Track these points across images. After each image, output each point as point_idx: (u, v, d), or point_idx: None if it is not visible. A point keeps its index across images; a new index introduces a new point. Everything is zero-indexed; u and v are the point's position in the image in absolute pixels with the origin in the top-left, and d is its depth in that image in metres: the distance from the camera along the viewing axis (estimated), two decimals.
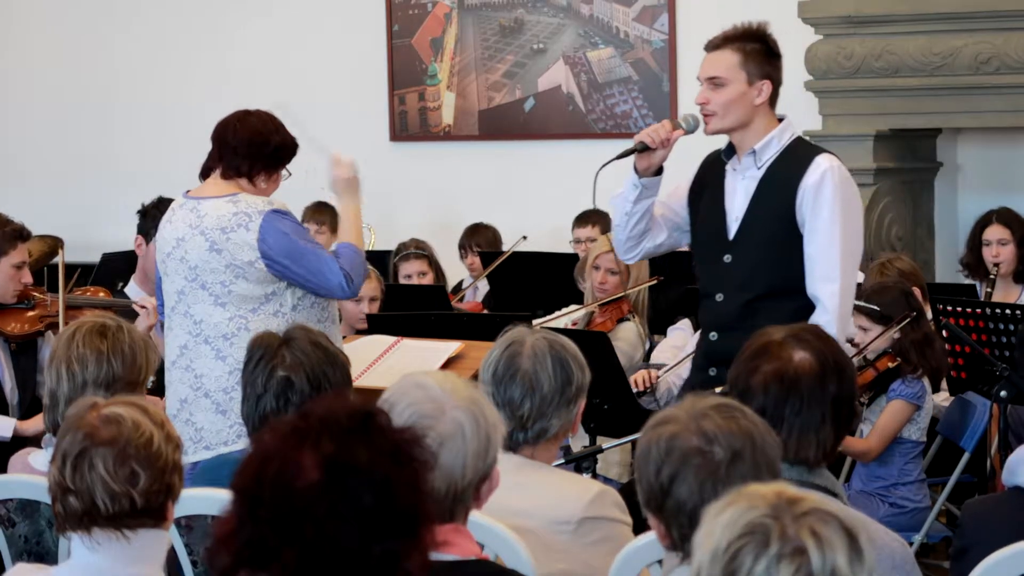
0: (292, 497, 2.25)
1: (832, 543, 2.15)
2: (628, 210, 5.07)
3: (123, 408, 3.04)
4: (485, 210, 9.04)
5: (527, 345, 3.83)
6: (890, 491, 5.92)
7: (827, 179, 4.88)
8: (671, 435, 2.86)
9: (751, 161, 4.95)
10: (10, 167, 10.57)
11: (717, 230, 5.00)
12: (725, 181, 5.02)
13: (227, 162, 5.28)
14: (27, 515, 4.16)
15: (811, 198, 4.87)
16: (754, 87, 4.93)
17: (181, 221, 5.29)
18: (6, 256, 6.17)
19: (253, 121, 5.34)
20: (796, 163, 4.93)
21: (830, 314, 4.83)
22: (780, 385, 3.35)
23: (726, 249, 4.97)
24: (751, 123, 4.94)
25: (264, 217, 5.16)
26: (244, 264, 5.15)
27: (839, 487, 3.47)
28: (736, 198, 4.99)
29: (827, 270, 4.85)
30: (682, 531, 2.81)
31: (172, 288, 5.30)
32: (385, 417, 2.35)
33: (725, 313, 4.95)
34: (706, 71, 4.97)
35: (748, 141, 4.96)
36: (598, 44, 9.33)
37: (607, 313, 6.77)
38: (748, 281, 4.92)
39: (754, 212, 4.94)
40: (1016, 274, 7.35)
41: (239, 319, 5.17)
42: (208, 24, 10.15)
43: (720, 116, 4.94)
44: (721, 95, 4.93)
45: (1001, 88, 7.85)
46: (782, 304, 4.86)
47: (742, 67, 4.93)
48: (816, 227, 4.87)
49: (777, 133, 4.96)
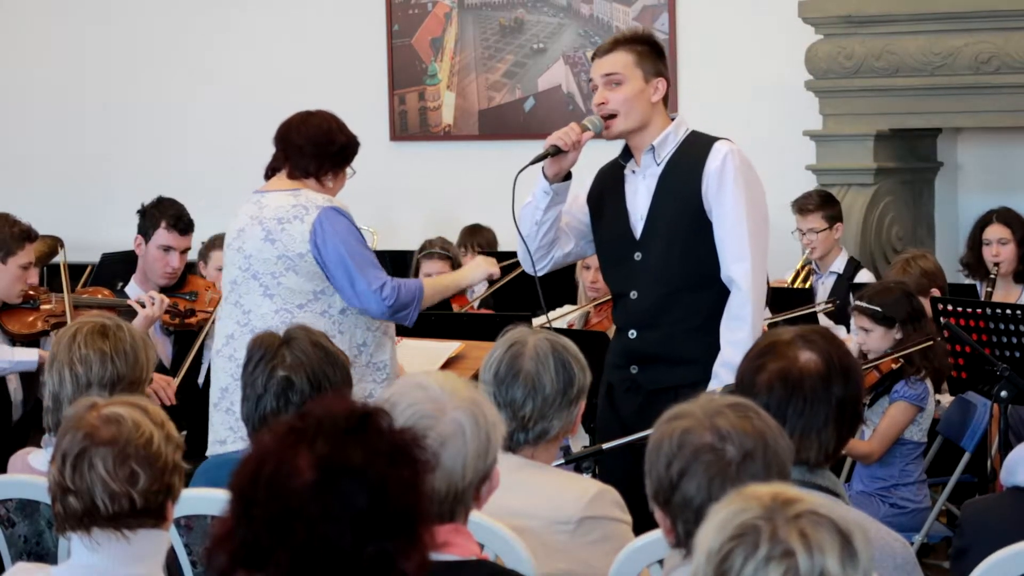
0: (286, 497, 2.25)
1: (822, 545, 2.14)
2: (539, 219, 5.12)
3: (123, 408, 3.03)
4: (485, 210, 9.03)
5: (529, 346, 3.83)
6: (891, 491, 5.92)
7: (728, 162, 4.92)
8: (684, 430, 2.86)
9: (650, 159, 5.01)
10: (10, 167, 10.57)
11: (623, 231, 5.04)
12: (625, 185, 5.07)
13: (294, 163, 5.31)
14: (27, 515, 4.16)
15: (715, 182, 4.91)
16: (650, 84, 4.99)
17: (244, 213, 5.35)
18: (13, 256, 6.20)
19: (317, 121, 5.37)
20: (696, 153, 4.97)
21: (743, 292, 4.86)
22: (784, 384, 3.34)
23: (635, 247, 5.01)
24: (649, 123, 5.00)
25: (321, 211, 5.19)
26: (295, 256, 5.19)
27: (841, 487, 3.46)
28: (638, 198, 5.03)
29: (737, 250, 4.88)
30: (687, 527, 2.81)
31: (227, 278, 5.38)
32: (385, 418, 2.35)
33: (642, 310, 4.99)
34: (602, 69, 5.02)
35: (646, 141, 5.01)
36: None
37: (602, 313, 6.77)
38: (661, 276, 4.96)
39: (659, 206, 4.98)
40: (1016, 274, 7.35)
41: (285, 313, 5.19)
42: (208, 24, 10.15)
43: (623, 115, 4.98)
44: (619, 92, 4.98)
45: (1001, 88, 7.85)
46: (699, 296, 4.92)
47: (637, 65, 4.99)
48: (723, 210, 4.90)
49: (673, 128, 5.02)
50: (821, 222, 7.53)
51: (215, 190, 8.79)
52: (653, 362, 4.97)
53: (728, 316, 4.87)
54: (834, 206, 7.66)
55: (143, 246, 6.66)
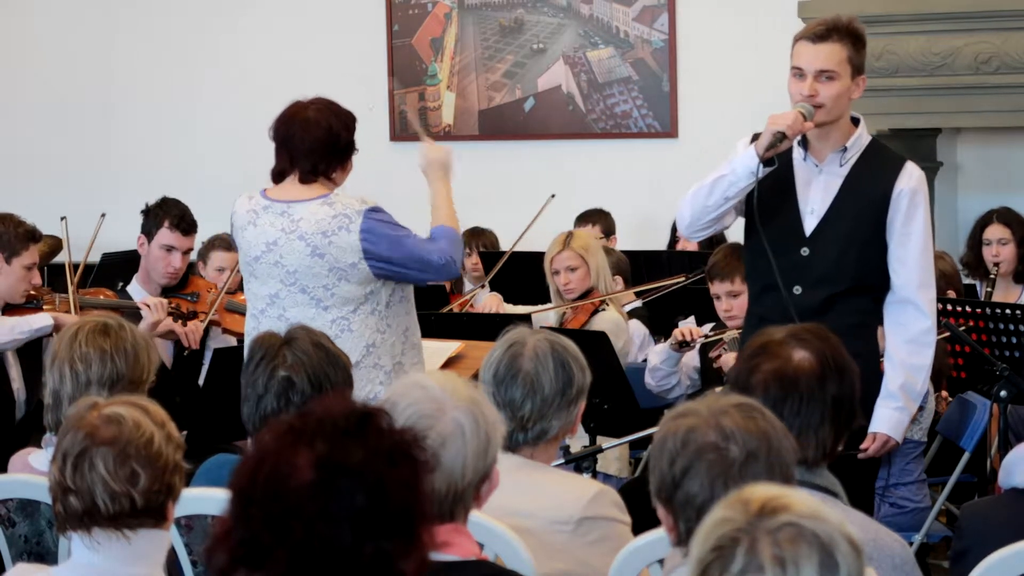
0: (284, 496, 2.26)
1: (798, 560, 2.13)
2: (731, 194, 4.92)
3: (124, 408, 3.04)
4: (485, 210, 9.03)
5: (529, 346, 3.83)
6: (890, 491, 5.92)
7: (922, 186, 4.92)
8: (689, 428, 2.87)
9: (836, 158, 4.92)
10: (10, 167, 10.57)
11: (791, 223, 4.93)
12: (795, 173, 4.97)
13: (302, 167, 5.25)
14: (27, 515, 4.16)
15: (907, 203, 4.87)
16: (855, 82, 4.89)
17: (270, 225, 5.24)
18: (17, 257, 6.21)
19: (317, 119, 5.28)
20: (885, 165, 4.93)
21: (931, 321, 4.88)
22: (779, 384, 3.35)
23: (803, 243, 4.91)
24: (841, 118, 4.93)
25: (364, 216, 5.18)
26: (347, 266, 5.16)
27: (839, 487, 3.47)
28: (813, 192, 4.92)
29: (925, 276, 4.89)
30: (689, 525, 2.81)
31: (264, 291, 5.27)
32: (386, 418, 2.35)
33: (804, 306, 4.87)
34: (817, 63, 4.86)
35: (833, 136, 4.92)
36: (598, 44, 9.34)
37: (579, 309, 6.78)
38: (830, 276, 4.89)
39: (840, 208, 4.89)
40: (1016, 274, 7.35)
41: (341, 320, 5.18)
42: (208, 24, 10.15)
43: (827, 109, 4.86)
44: (831, 88, 4.85)
45: (1001, 88, 7.86)
46: (858, 300, 4.88)
47: (850, 61, 4.87)
48: (911, 232, 4.87)
49: (860, 132, 4.96)
50: None
51: (216, 190, 8.80)
52: None
53: (910, 340, 4.86)
54: None
55: (146, 245, 6.66)
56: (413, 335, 5.36)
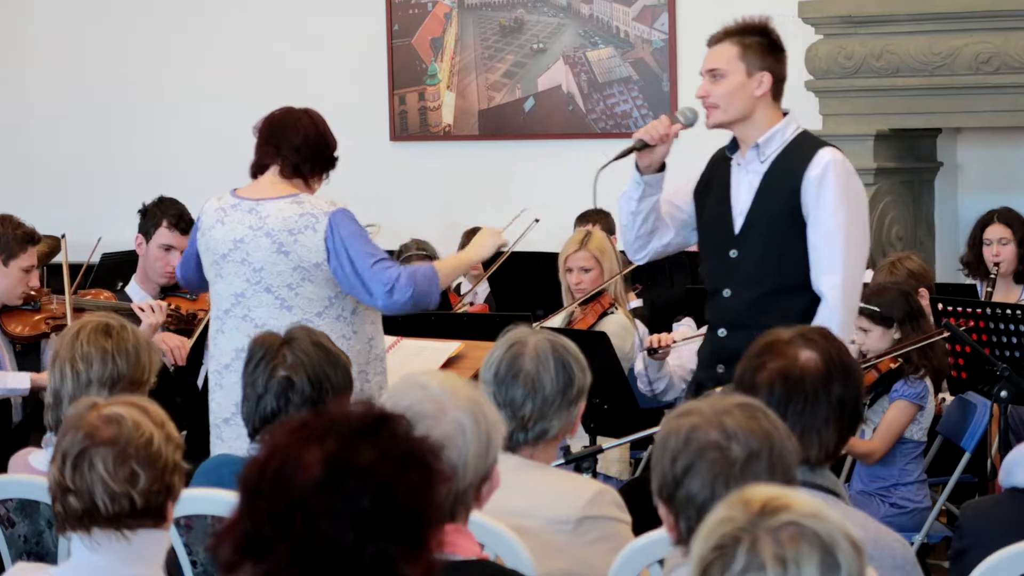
0: (291, 491, 2.26)
1: (800, 560, 2.13)
2: (633, 209, 5.06)
3: (123, 408, 3.04)
4: (485, 210, 9.03)
5: (529, 346, 3.83)
6: (891, 491, 5.92)
7: (830, 171, 4.87)
8: (691, 427, 2.86)
9: (755, 155, 4.95)
10: (11, 167, 10.57)
11: (723, 225, 4.98)
12: (730, 176, 5.01)
13: (287, 161, 5.24)
14: (27, 515, 4.16)
15: (814, 190, 4.85)
16: (753, 79, 4.92)
17: (238, 223, 5.23)
18: (15, 259, 6.20)
19: (311, 121, 5.30)
20: (800, 157, 4.92)
21: (831, 306, 4.80)
22: (784, 383, 3.35)
23: (732, 244, 4.95)
24: (752, 116, 4.94)
25: (331, 217, 5.15)
26: (311, 266, 5.13)
27: (841, 487, 3.47)
28: (741, 193, 4.97)
29: (830, 262, 4.83)
30: (690, 524, 2.81)
31: (228, 291, 5.25)
32: (403, 423, 2.35)
33: (734, 309, 4.92)
34: (706, 64, 4.99)
35: (751, 135, 4.95)
36: (598, 44, 9.34)
37: (587, 309, 6.78)
38: (756, 276, 4.90)
39: (759, 207, 4.92)
40: (1016, 274, 7.35)
41: (306, 323, 5.14)
42: (208, 24, 10.15)
43: (722, 109, 4.94)
44: (720, 87, 4.93)
45: (1001, 88, 7.86)
46: (792, 300, 4.84)
47: (740, 59, 4.93)
48: (819, 218, 4.85)
49: (781, 127, 4.95)
50: None
51: (214, 190, 8.78)
52: None
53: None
54: None
55: (144, 245, 6.66)
56: (378, 346, 5.31)
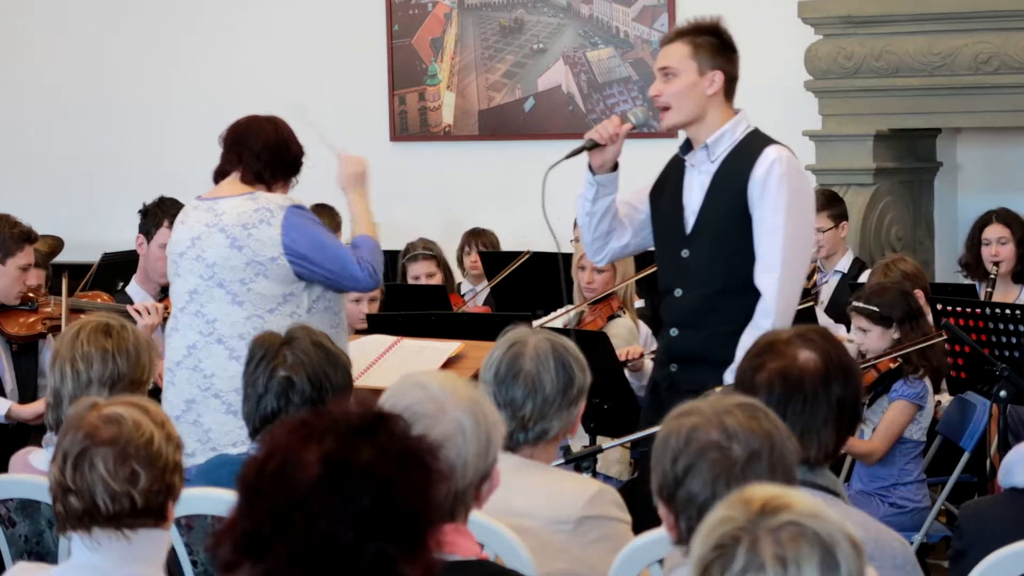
0: (290, 490, 2.26)
1: (800, 559, 2.14)
2: (589, 210, 5.10)
3: (124, 408, 3.04)
4: (485, 210, 9.04)
5: (530, 346, 3.83)
6: (890, 491, 5.92)
7: (774, 169, 4.87)
8: (692, 427, 2.87)
9: (704, 155, 4.97)
10: (10, 167, 10.57)
11: (675, 225, 5.00)
12: (684, 176, 5.03)
13: (248, 166, 5.25)
14: (27, 515, 4.16)
15: (759, 188, 4.87)
16: (705, 78, 4.94)
17: (196, 221, 5.26)
18: (12, 258, 6.19)
19: (273, 128, 5.31)
20: (747, 156, 4.93)
21: (767, 303, 4.81)
22: (784, 384, 3.35)
23: (684, 244, 4.97)
24: (705, 116, 4.95)
25: (286, 212, 5.15)
26: (266, 260, 5.13)
27: (840, 486, 3.47)
28: (693, 193, 4.99)
29: (768, 259, 4.84)
30: (690, 524, 2.81)
31: (184, 288, 5.26)
32: (401, 422, 2.35)
33: (685, 309, 4.95)
34: (658, 62, 5.02)
35: (702, 135, 4.97)
36: (598, 44, 9.34)
37: (596, 311, 6.78)
38: (706, 276, 4.92)
39: (708, 206, 4.94)
40: (1015, 274, 7.35)
41: (256, 319, 5.13)
42: (208, 24, 10.15)
43: (675, 108, 4.96)
44: (672, 86, 4.95)
45: (1001, 88, 7.86)
46: (743, 299, 4.85)
47: (692, 58, 4.94)
48: (761, 217, 4.86)
49: (730, 127, 4.96)
50: (827, 221, 7.50)
51: None
52: (692, 362, 4.90)
53: (750, 324, 4.81)
54: (839, 205, 7.65)
55: (144, 245, 6.65)
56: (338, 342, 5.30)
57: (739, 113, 5.00)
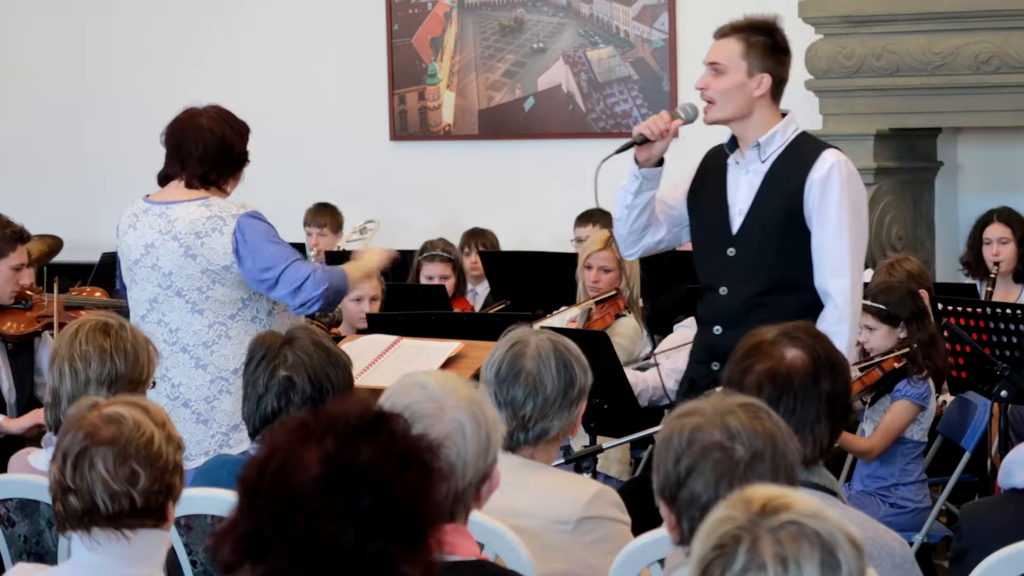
0: (290, 491, 2.26)
1: (800, 559, 2.14)
2: (629, 203, 5.07)
3: (124, 408, 3.04)
4: (485, 210, 9.04)
5: (531, 345, 3.82)
6: (891, 491, 5.91)
7: (834, 173, 4.88)
8: (694, 427, 2.86)
9: (755, 155, 4.95)
10: (10, 167, 10.57)
11: (720, 223, 4.98)
12: (727, 174, 5.02)
13: (191, 172, 5.21)
14: (27, 515, 4.16)
15: (818, 192, 4.86)
16: (753, 79, 4.92)
17: (149, 227, 5.22)
18: (5, 258, 6.19)
19: (210, 127, 5.25)
20: (803, 157, 4.92)
21: (840, 309, 4.82)
22: (773, 384, 3.35)
23: (730, 242, 4.96)
24: (751, 115, 4.94)
25: (238, 220, 5.14)
26: (220, 269, 5.12)
27: (837, 485, 3.47)
28: (739, 191, 4.97)
29: (837, 264, 4.85)
30: (692, 524, 2.81)
31: (143, 296, 5.25)
32: (401, 422, 2.35)
33: (729, 307, 4.93)
34: (709, 56, 5.00)
35: (750, 134, 4.95)
36: (598, 43, 9.33)
37: (604, 310, 6.77)
38: (753, 275, 4.91)
39: (759, 206, 4.92)
40: (1016, 273, 7.35)
41: (219, 326, 5.13)
42: (208, 24, 10.15)
43: (719, 105, 4.94)
44: (719, 82, 4.94)
45: (1001, 88, 7.86)
46: (787, 299, 4.85)
47: (743, 57, 4.93)
48: (824, 220, 4.86)
49: (781, 127, 4.95)
50: None
51: None
52: None
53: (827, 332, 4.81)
54: None
55: None
56: None
57: (788, 114, 5.00)
